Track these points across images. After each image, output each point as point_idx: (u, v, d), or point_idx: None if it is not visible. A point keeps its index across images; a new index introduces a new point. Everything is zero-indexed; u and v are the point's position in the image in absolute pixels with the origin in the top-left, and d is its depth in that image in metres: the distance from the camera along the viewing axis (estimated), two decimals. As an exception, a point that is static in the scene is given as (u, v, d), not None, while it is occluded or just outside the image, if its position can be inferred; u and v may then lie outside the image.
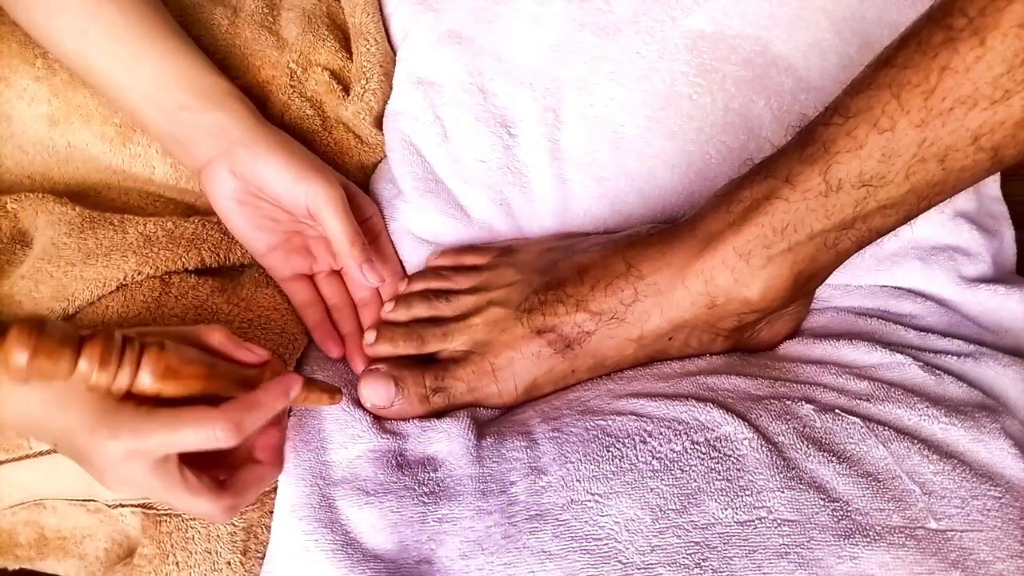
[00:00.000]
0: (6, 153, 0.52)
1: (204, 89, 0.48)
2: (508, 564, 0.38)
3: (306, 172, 0.47)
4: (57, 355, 0.34)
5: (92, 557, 0.48)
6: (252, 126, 0.48)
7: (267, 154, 0.47)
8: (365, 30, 0.57)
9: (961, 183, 0.38)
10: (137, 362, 0.36)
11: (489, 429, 0.46)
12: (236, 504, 0.40)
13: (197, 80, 0.48)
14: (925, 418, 0.43)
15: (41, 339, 0.33)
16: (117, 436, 0.36)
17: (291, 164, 0.47)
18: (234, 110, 0.48)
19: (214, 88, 0.48)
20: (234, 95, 0.49)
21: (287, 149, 0.48)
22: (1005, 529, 0.39)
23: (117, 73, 0.47)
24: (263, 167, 0.47)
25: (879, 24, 0.55)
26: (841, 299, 0.53)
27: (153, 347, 0.36)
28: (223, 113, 0.48)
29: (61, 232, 0.47)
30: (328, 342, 0.50)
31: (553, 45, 0.55)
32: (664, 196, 0.54)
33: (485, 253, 0.52)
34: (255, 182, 0.47)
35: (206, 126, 0.48)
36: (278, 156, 0.47)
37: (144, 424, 0.36)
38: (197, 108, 0.47)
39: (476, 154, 0.54)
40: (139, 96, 0.48)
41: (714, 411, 0.42)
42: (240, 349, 0.41)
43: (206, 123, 0.48)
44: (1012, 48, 0.34)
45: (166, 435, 0.36)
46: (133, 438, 0.36)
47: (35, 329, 0.33)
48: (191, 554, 0.44)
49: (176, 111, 0.47)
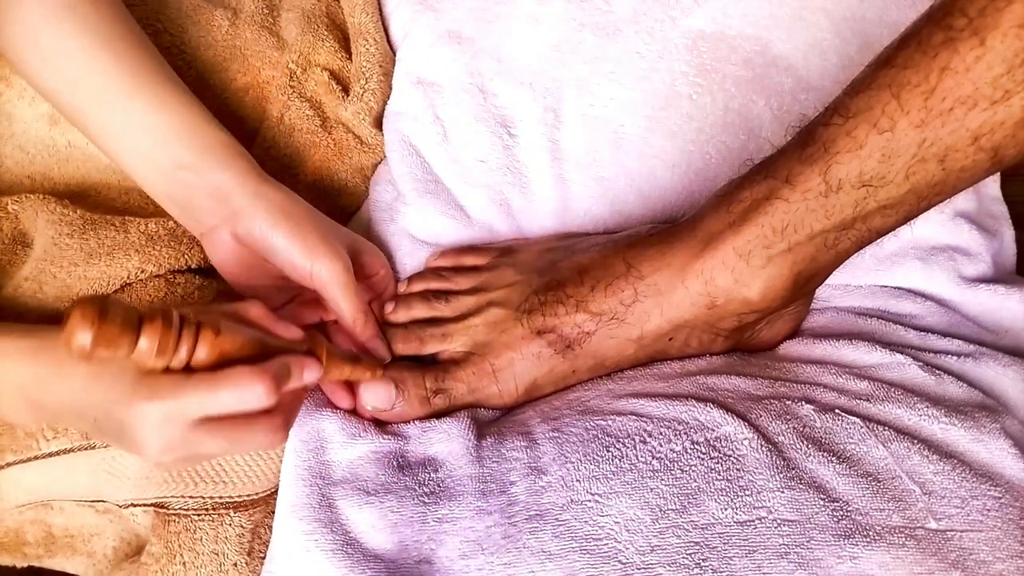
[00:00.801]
0: (6, 153, 0.52)
1: (205, 146, 0.46)
2: (508, 564, 0.38)
3: (312, 246, 0.44)
4: (119, 337, 0.34)
5: (100, 555, 0.48)
6: (254, 190, 0.45)
7: (272, 227, 0.44)
8: (364, 30, 0.57)
9: (961, 183, 0.38)
10: (194, 344, 0.36)
11: (489, 429, 0.46)
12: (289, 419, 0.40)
13: (195, 135, 0.46)
14: (925, 418, 0.43)
15: (104, 321, 0.33)
16: (156, 396, 0.36)
17: (296, 237, 0.44)
18: (235, 170, 0.45)
19: (213, 144, 0.46)
20: (234, 150, 0.47)
21: (291, 219, 0.45)
22: (1005, 529, 0.39)
23: (112, 128, 0.45)
24: (268, 238, 0.45)
25: (879, 24, 0.55)
26: (841, 299, 0.53)
27: (209, 329, 0.37)
28: (224, 175, 0.45)
29: (63, 232, 0.47)
30: (338, 393, 0.47)
31: (553, 45, 0.55)
32: (664, 196, 0.54)
33: (485, 254, 0.52)
34: (260, 251, 0.45)
35: (207, 190, 0.45)
36: (283, 228, 0.44)
37: (183, 385, 0.36)
38: (197, 167, 0.45)
39: (476, 154, 0.54)
40: (135, 154, 0.46)
41: (714, 411, 0.42)
42: (278, 325, 0.41)
43: (206, 186, 0.45)
44: (1012, 48, 0.34)
45: (205, 395, 0.36)
46: (172, 398, 0.36)
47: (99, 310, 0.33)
48: (198, 555, 0.44)
49: (174, 171, 0.45)
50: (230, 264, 0.47)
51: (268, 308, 0.46)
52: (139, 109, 0.45)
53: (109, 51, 0.45)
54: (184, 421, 0.36)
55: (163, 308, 0.35)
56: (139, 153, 0.46)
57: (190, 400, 0.36)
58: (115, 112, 0.45)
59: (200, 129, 0.46)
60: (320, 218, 0.48)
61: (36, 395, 0.39)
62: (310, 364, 0.40)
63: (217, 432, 0.37)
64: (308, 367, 0.40)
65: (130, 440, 0.38)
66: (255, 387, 0.36)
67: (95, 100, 0.45)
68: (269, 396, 0.37)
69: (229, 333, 0.37)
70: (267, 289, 0.48)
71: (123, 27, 0.46)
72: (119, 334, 0.33)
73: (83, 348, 0.33)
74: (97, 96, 0.45)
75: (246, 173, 0.46)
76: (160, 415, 0.36)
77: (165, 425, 0.36)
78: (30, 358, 0.39)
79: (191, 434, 0.37)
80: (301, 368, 0.39)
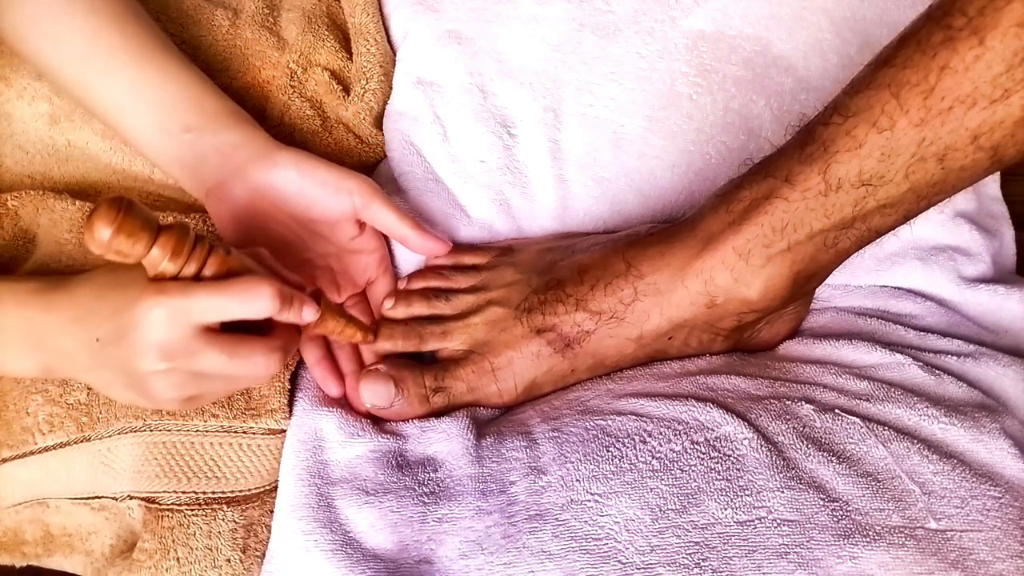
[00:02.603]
0: (6, 152, 0.52)
1: (211, 111, 0.47)
2: (508, 564, 0.38)
3: (342, 172, 0.47)
4: (136, 237, 0.35)
5: (98, 553, 0.48)
6: (267, 142, 0.47)
7: (296, 165, 0.46)
8: (365, 30, 0.58)
9: (960, 182, 0.38)
10: (205, 258, 0.38)
11: (489, 429, 0.46)
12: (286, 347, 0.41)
13: (204, 102, 0.47)
14: (925, 418, 0.43)
15: (126, 218, 0.35)
16: (164, 293, 0.37)
17: (328, 170, 0.47)
18: (245, 129, 0.47)
19: (221, 109, 0.47)
20: (242, 116, 0.48)
21: (311, 157, 0.47)
22: (1005, 529, 0.39)
23: (119, 97, 0.46)
24: (292, 178, 0.46)
25: (879, 24, 0.55)
26: (841, 299, 0.53)
27: (220, 250, 0.38)
28: (234, 133, 0.47)
29: (63, 229, 0.47)
30: (328, 380, 0.48)
31: (553, 45, 0.55)
32: (664, 196, 0.54)
33: (485, 253, 0.52)
34: (279, 197, 0.46)
35: (216, 146, 0.46)
36: (310, 164, 0.47)
37: (192, 286, 0.37)
38: (205, 129, 0.46)
39: (476, 154, 0.54)
40: (142, 120, 0.46)
41: (714, 411, 0.42)
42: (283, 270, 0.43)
43: (216, 143, 0.46)
44: (1011, 47, 0.34)
45: (213, 296, 0.37)
46: (180, 296, 0.37)
47: (122, 208, 0.35)
48: (192, 550, 0.44)
49: (181, 132, 0.46)
50: (233, 221, 0.47)
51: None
52: (147, 80, 0.46)
53: (116, 27, 0.46)
54: (188, 323, 0.37)
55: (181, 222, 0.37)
56: (146, 121, 0.47)
57: (198, 300, 0.37)
58: (123, 83, 0.46)
59: (208, 96, 0.47)
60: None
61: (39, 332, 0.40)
62: (309, 303, 0.41)
63: (217, 342, 0.38)
64: (307, 304, 0.41)
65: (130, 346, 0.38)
66: (262, 291, 0.38)
67: (102, 73, 0.46)
68: (274, 301, 0.38)
69: (238, 257, 0.39)
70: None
71: (128, 5, 0.47)
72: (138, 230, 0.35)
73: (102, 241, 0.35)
74: (105, 69, 0.46)
75: (255, 132, 0.48)
76: (165, 313, 0.37)
77: (169, 325, 0.37)
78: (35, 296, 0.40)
79: (192, 341, 0.38)
80: (301, 303, 0.41)
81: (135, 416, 0.45)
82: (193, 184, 0.48)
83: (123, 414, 0.45)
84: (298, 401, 0.47)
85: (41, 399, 0.45)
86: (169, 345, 0.37)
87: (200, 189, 0.48)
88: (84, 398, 0.45)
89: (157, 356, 0.38)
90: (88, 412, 0.45)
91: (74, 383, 0.45)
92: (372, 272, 0.52)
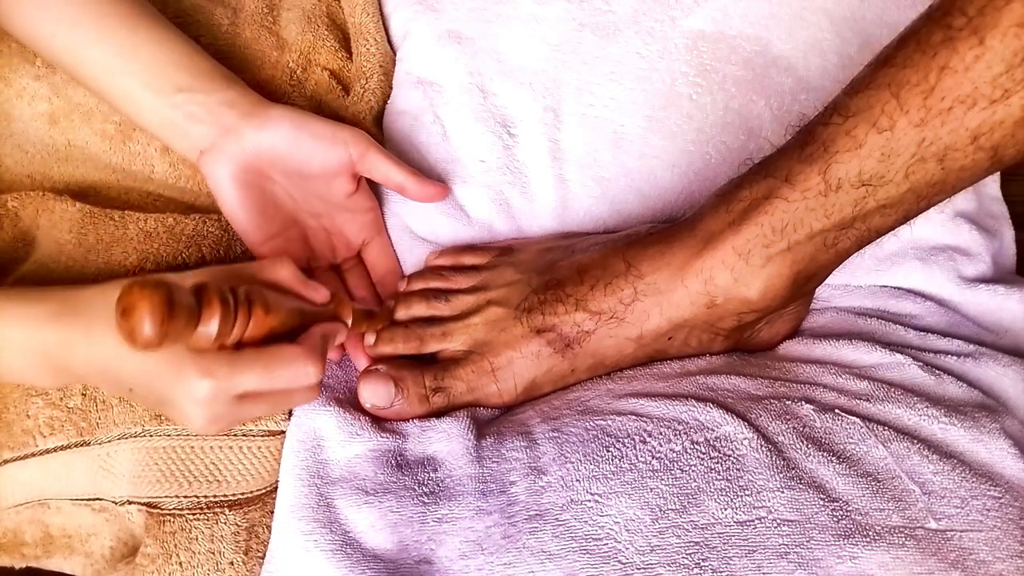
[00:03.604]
0: (6, 152, 0.52)
1: (203, 71, 0.47)
2: (508, 564, 0.38)
3: (339, 127, 0.47)
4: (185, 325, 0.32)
5: (98, 555, 0.48)
6: (260, 100, 0.48)
7: (291, 120, 0.46)
8: (365, 30, 0.57)
9: (960, 183, 0.38)
10: (247, 323, 0.37)
11: (489, 429, 0.46)
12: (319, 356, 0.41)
13: (194, 62, 0.47)
14: (925, 418, 0.43)
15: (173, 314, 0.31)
16: (211, 374, 0.36)
17: (321, 124, 0.47)
18: (237, 89, 0.47)
19: (213, 70, 0.48)
20: (233, 78, 0.48)
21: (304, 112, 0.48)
22: (1005, 529, 0.39)
23: (111, 61, 0.46)
24: (287, 134, 0.46)
25: (879, 24, 0.55)
26: (841, 299, 0.53)
27: (259, 308, 0.37)
28: (227, 92, 0.47)
29: (63, 230, 0.47)
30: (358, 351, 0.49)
31: (553, 45, 0.55)
32: (664, 196, 0.54)
33: (484, 253, 0.52)
34: (274, 154, 0.47)
35: (208, 105, 0.46)
36: (303, 119, 0.47)
37: (237, 364, 0.37)
38: (197, 88, 0.46)
39: (476, 154, 0.54)
40: (135, 83, 0.46)
41: (714, 411, 0.42)
42: (307, 287, 0.42)
43: (208, 103, 0.46)
44: (1011, 47, 0.34)
45: (260, 374, 0.37)
46: (227, 376, 0.37)
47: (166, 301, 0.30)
48: (194, 554, 0.44)
49: (174, 93, 0.46)
50: (228, 184, 0.47)
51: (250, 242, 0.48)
52: (138, 43, 0.46)
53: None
54: (232, 396, 0.37)
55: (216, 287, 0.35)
56: (137, 82, 0.46)
57: (244, 379, 0.37)
58: (114, 47, 0.46)
59: (196, 58, 0.48)
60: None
61: (62, 360, 0.40)
62: (341, 330, 0.43)
63: (260, 402, 0.39)
64: (340, 332, 0.43)
65: (173, 412, 0.38)
66: (307, 369, 0.38)
67: (94, 38, 0.46)
68: (320, 375, 0.39)
69: (276, 310, 0.38)
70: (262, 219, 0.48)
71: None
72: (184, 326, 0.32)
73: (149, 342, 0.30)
74: (96, 34, 0.46)
75: (247, 91, 0.48)
76: (210, 392, 0.37)
77: (213, 401, 0.37)
78: (53, 322, 0.39)
79: (236, 406, 0.38)
80: (335, 335, 0.42)
81: (134, 422, 0.45)
82: (186, 145, 0.48)
83: (122, 420, 0.45)
84: (297, 400, 0.47)
85: (41, 402, 0.45)
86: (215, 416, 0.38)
87: (193, 150, 0.47)
88: (81, 403, 0.45)
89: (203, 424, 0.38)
90: (86, 417, 0.45)
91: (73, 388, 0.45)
92: (367, 233, 0.53)
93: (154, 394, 0.38)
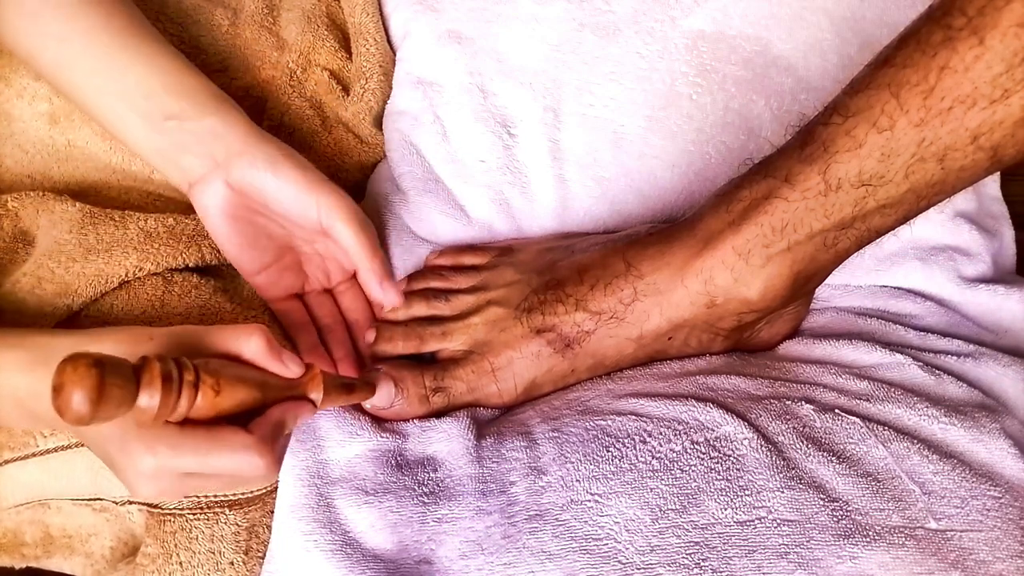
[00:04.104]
0: (6, 152, 0.52)
1: (193, 93, 0.45)
2: (508, 564, 0.38)
3: (316, 183, 0.45)
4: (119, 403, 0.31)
5: (98, 555, 0.48)
6: (248, 133, 0.45)
7: (272, 165, 0.44)
8: (365, 30, 0.58)
9: (960, 183, 0.38)
10: (193, 398, 0.34)
11: (489, 429, 0.46)
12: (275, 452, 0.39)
13: (186, 84, 0.46)
14: (925, 418, 0.43)
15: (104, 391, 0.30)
16: (153, 452, 0.35)
17: (300, 175, 0.44)
18: (227, 116, 0.45)
19: (203, 92, 0.46)
20: (224, 99, 0.47)
21: (291, 159, 0.45)
22: (1005, 529, 0.39)
23: (99, 79, 0.45)
24: (268, 179, 0.44)
25: (879, 24, 0.55)
26: (841, 299, 0.53)
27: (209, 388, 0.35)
28: (216, 119, 0.45)
29: (63, 229, 0.47)
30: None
31: (553, 45, 0.55)
32: (664, 196, 0.54)
33: (484, 253, 0.52)
34: (258, 195, 0.45)
35: (198, 135, 0.45)
36: (285, 167, 0.44)
37: (181, 443, 0.35)
38: (187, 115, 0.45)
39: (476, 154, 0.54)
40: (123, 105, 0.45)
41: (714, 411, 0.42)
42: (276, 362, 0.39)
43: (198, 131, 0.45)
44: (1011, 47, 0.34)
45: (203, 457, 0.36)
46: (169, 456, 0.35)
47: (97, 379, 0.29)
48: (195, 554, 0.44)
49: (163, 120, 0.45)
50: (220, 220, 0.46)
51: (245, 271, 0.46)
52: (128, 61, 0.45)
53: (98, 7, 0.45)
54: (177, 473, 0.37)
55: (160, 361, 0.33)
56: (126, 106, 0.45)
57: (186, 459, 0.36)
58: (103, 65, 0.45)
59: (186, 79, 0.46)
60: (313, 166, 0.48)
61: (32, 406, 0.39)
62: (304, 408, 0.39)
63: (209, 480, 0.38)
64: (303, 412, 0.39)
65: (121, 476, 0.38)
66: (252, 460, 0.36)
67: (82, 54, 0.45)
68: (269, 470, 0.37)
69: (228, 390, 0.36)
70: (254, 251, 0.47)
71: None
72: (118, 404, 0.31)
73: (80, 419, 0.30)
74: (85, 50, 0.45)
75: (236, 119, 0.46)
76: (154, 467, 0.36)
77: (158, 475, 0.36)
78: (25, 371, 0.39)
79: (183, 482, 0.37)
80: (296, 415, 0.39)
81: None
82: (176, 175, 0.47)
83: (123, 418, 0.45)
84: (298, 401, 0.47)
85: None
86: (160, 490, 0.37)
87: (184, 182, 0.47)
88: None
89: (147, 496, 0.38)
90: None
91: None
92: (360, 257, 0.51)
93: (107, 457, 0.38)
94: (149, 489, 0.37)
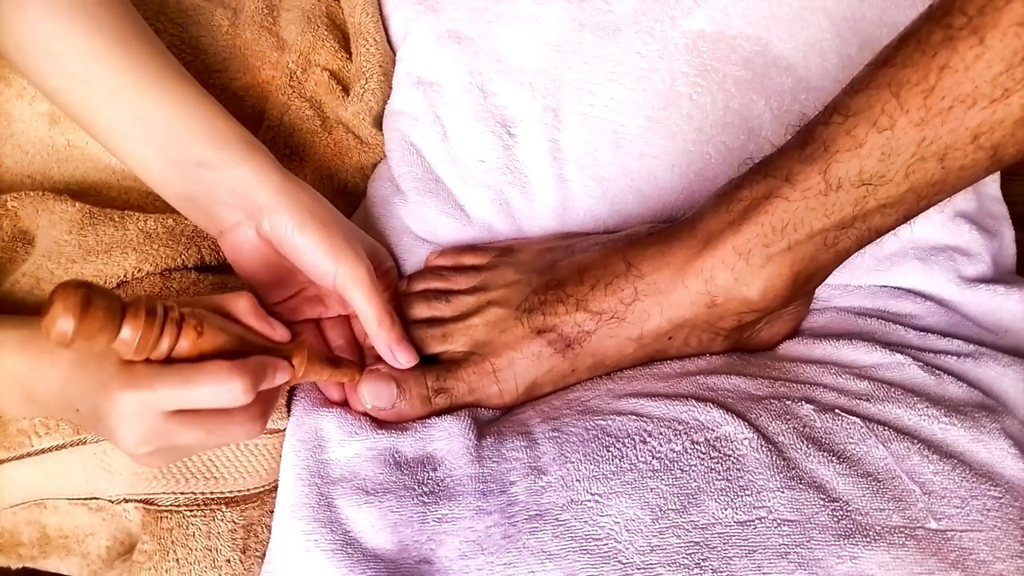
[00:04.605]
0: (6, 152, 0.52)
1: (222, 140, 0.45)
2: (508, 564, 0.38)
3: (337, 248, 0.44)
4: (101, 329, 0.33)
5: (95, 555, 0.48)
6: (279, 183, 0.45)
7: (298, 226, 0.44)
8: (364, 30, 0.58)
9: (960, 182, 0.38)
10: (175, 339, 0.36)
11: (489, 429, 0.46)
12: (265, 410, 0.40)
13: (213, 130, 0.45)
14: (925, 418, 0.43)
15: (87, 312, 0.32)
16: (131, 386, 0.36)
17: (323, 239, 0.44)
18: (256, 165, 0.45)
19: (232, 138, 0.45)
20: (253, 145, 0.46)
21: (317, 219, 0.45)
22: (1005, 529, 0.39)
23: (126, 125, 0.44)
24: (294, 237, 0.44)
25: (879, 24, 0.55)
26: (841, 299, 0.53)
27: (192, 327, 0.36)
28: (245, 169, 0.44)
29: (62, 230, 0.47)
30: (330, 387, 0.48)
31: (553, 45, 0.55)
32: (664, 196, 0.54)
33: (484, 253, 0.52)
34: (283, 248, 0.45)
35: (228, 184, 0.44)
36: (309, 228, 0.44)
37: (159, 376, 0.36)
38: (216, 163, 0.44)
39: (476, 154, 0.54)
40: (151, 151, 0.44)
41: (714, 411, 0.42)
42: (263, 322, 0.40)
43: (227, 181, 0.44)
44: (1011, 47, 0.34)
45: (180, 388, 0.36)
46: (147, 389, 0.36)
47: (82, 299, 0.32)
48: (191, 551, 0.44)
49: (193, 168, 0.44)
50: (249, 263, 0.46)
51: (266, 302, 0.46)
52: (153, 105, 0.44)
53: (120, 48, 0.44)
54: (158, 412, 0.36)
55: (147, 299, 0.35)
56: (156, 149, 0.45)
57: (165, 392, 0.36)
58: (127, 109, 0.44)
59: (216, 124, 0.45)
60: (342, 219, 0.48)
61: (30, 385, 0.39)
62: (282, 367, 0.40)
63: (192, 424, 0.37)
64: (280, 369, 0.40)
65: (107, 429, 0.37)
66: (232, 383, 0.36)
67: (106, 97, 0.44)
68: (247, 393, 0.37)
69: (211, 332, 0.37)
70: (279, 288, 0.48)
71: (133, 25, 0.46)
72: (101, 326, 0.33)
73: (63, 336, 0.32)
74: (109, 93, 0.44)
75: (267, 167, 0.45)
76: (135, 405, 0.36)
77: (140, 416, 0.36)
78: (23, 348, 0.39)
79: (166, 425, 0.37)
80: (275, 370, 0.39)
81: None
82: (206, 223, 0.47)
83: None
84: (297, 400, 0.47)
85: None
86: (144, 434, 0.37)
87: (215, 229, 0.47)
88: None
89: (133, 443, 0.37)
90: None
91: None
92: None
93: (94, 412, 0.37)
94: (132, 432, 0.37)
